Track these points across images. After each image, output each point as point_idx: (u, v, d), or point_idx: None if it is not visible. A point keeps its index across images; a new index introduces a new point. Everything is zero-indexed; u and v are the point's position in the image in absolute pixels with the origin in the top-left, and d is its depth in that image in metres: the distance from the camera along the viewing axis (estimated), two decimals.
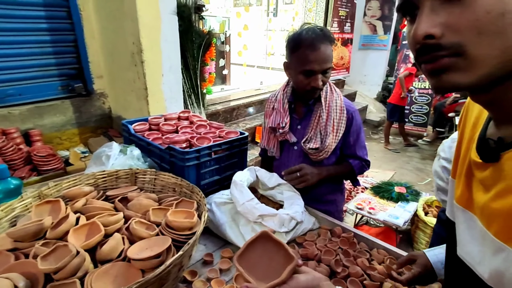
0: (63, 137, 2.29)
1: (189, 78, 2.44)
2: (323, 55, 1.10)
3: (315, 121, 1.24)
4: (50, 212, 0.85)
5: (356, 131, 1.27)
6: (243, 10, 4.04)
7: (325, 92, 1.22)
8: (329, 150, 1.23)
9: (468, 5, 0.34)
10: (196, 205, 0.93)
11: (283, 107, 1.30)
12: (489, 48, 0.35)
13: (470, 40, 0.35)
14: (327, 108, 1.21)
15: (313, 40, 1.10)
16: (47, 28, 2.10)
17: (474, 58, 0.36)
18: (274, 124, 1.30)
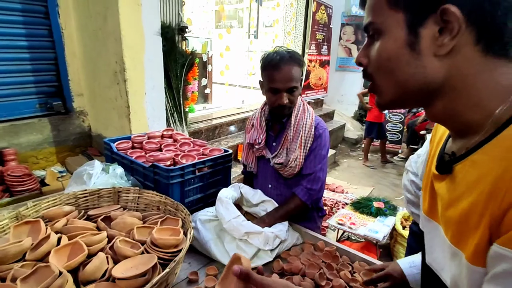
0: (39, 156, 2.21)
1: (172, 96, 2.46)
2: (287, 75, 1.20)
3: (285, 138, 1.30)
4: (29, 233, 0.82)
5: (318, 147, 1.29)
6: (225, 32, 4.16)
7: (297, 110, 1.30)
8: (295, 166, 1.27)
9: (374, 47, 0.47)
10: (181, 222, 0.94)
11: (260, 124, 1.37)
12: (385, 81, 0.48)
13: (375, 73, 0.48)
14: (296, 125, 1.28)
15: (278, 61, 1.21)
16: (27, 46, 2.07)
17: (378, 86, 0.49)
18: (252, 140, 1.36)
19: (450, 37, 0.40)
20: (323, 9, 5.32)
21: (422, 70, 0.43)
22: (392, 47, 0.45)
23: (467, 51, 0.41)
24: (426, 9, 0.41)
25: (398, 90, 0.47)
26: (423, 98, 0.47)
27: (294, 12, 5.27)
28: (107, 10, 1.82)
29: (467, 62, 0.41)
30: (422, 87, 0.45)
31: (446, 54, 0.42)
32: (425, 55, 0.43)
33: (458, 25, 0.39)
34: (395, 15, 0.44)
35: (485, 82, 0.41)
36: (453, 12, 0.39)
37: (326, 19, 5.50)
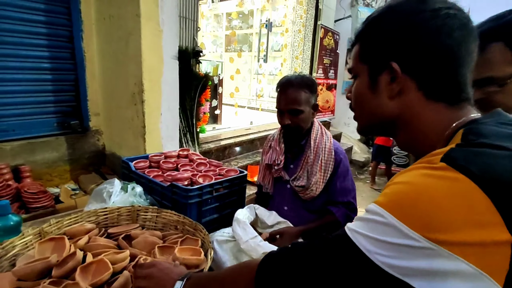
0: (54, 174, 2.25)
1: (185, 117, 2.52)
2: (290, 97, 1.26)
3: (304, 161, 1.32)
4: (53, 249, 0.83)
5: (343, 174, 1.33)
6: (236, 56, 4.30)
7: (315, 134, 1.33)
8: (316, 189, 1.29)
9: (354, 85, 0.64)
10: (200, 242, 0.94)
11: (279, 145, 1.40)
12: (358, 112, 0.65)
13: (353, 105, 0.65)
14: (315, 149, 1.31)
15: (285, 84, 1.28)
16: (49, 68, 2.17)
17: (355, 116, 0.66)
18: (270, 161, 1.38)
19: (396, 84, 0.54)
20: (330, 35, 5.50)
21: (380, 107, 0.58)
22: (360, 88, 0.61)
23: (412, 95, 0.54)
24: (380, 64, 0.56)
25: (366, 120, 0.64)
26: (387, 128, 0.61)
27: (302, 38, 5.45)
28: (130, 35, 1.91)
29: (413, 104, 0.54)
30: (382, 119, 0.59)
31: (396, 96, 0.55)
32: (381, 96, 0.57)
33: (398, 76, 0.54)
34: (363, 66, 0.60)
35: (428, 121, 0.54)
36: (394, 67, 0.53)
37: (333, 44, 5.66)
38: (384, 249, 0.40)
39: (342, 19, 5.93)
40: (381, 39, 0.56)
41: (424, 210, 0.38)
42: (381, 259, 0.40)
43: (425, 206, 0.39)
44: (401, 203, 0.41)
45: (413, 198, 0.40)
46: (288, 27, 5.74)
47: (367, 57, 0.59)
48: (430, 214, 0.38)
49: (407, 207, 0.40)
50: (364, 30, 0.60)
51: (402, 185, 0.43)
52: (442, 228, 0.37)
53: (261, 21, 6.00)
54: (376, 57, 0.57)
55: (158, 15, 1.91)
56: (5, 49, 1.94)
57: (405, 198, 0.41)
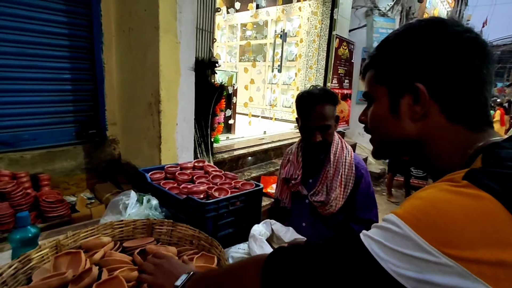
0: (71, 182, 2.29)
1: (200, 127, 2.53)
2: (319, 113, 1.22)
3: (324, 176, 1.28)
4: (69, 264, 0.82)
5: (365, 190, 1.28)
6: (250, 66, 4.32)
7: (335, 148, 1.29)
8: (335, 205, 1.24)
9: (370, 109, 0.64)
10: (216, 260, 0.91)
11: (297, 159, 1.36)
12: (375, 135, 0.65)
13: (370, 129, 0.65)
14: (335, 163, 1.26)
15: (311, 99, 1.24)
16: (69, 79, 2.23)
17: (372, 139, 0.66)
18: (288, 175, 1.35)
19: (420, 106, 0.54)
20: (345, 45, 5.47)
21: (401, 130, 0.57)
22: (379, 112, 0.60)
23: (435, 117, 0.53)
24: (403, 86, 0.55)
25: (384, 144, 0.63)
26: (406, 152, 0.60)
27: (316, 48, 5.44)
28: (148, 47, 1.95)
29: (435, 126, 0.54)
30: (402, 142, 0.59)
31: (419, 118, 0.55)
32: (403, 118, 0.56)
33: (425, 98, 0.53)
34: (381, 88, 0.60)
35: (448, 144, 0.53)
36: (421, 89, 0.52)
37: (348, 54, 5.62)
38: (398, 260, 0.40)
39: (357, 28, 5.90)
40: (403, 61, 0.55)
41: (443, 225, 0.38)
42: (394, 269, 0.39)
43: (444, 221, 0.38)
44: (420, 216, 0.40)
45: (432, 213, 0.40)
46: (302, 37, 5.74)
47: (386, 79, 0.59)
48: (449, 230, 0.38)
49: (425, 220, 0.40)
50: (382, 51, 0.60)
51: (422, 200, 0.42)
52: (461, 245, 0.37)
53: (275, 32, 6.04)
54: (398, 79, 0.56)
55: (176, 28, 1.93)
56: (27, 60, 2.00)
57: (424, 211, 0.41)
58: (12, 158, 2.00)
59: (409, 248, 0.39)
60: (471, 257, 0.36)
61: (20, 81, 2.01)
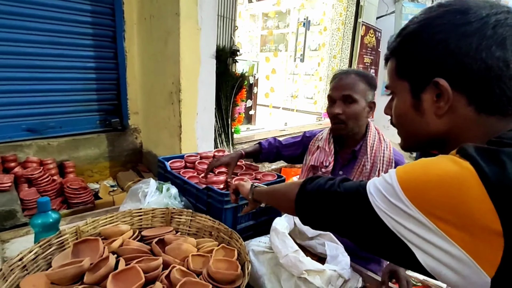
0: (94, 170, 2.33)
1: (221, 117, 2.49)
2: (343, 82, 1.14)
3: (358, 170, 1.18)
4: (87, 251, 0.81)
5: None
6: (272, 55, 4.22)
7: (373, 140, 1.18)
8: None
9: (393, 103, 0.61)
10: (236, 253, 0.87)
11: (328, 146, 1.26)
12: (400, 131, 0.62)
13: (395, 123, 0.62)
14: (372, 157, 1.16)
15: (341, 72, 1.18)
16: (94, 67, 2.25)
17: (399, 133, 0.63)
18: (317, 163, 1.25)
19: (444, 101, 0.50)
20: (372, 33, 5.21)
21: (426, 126, 0.54)
22: (402, 107, 0.58)
23: (462, 110, 0.50)
24: (423, 81, 0.52)
25: (410, 139, 0.61)
26: (434, 145, 0.57)
27: (340, 36, 5.22)
28: (169, 35, 1.91)
29: (463, 119, 0.50)
30: (428, 138, 0.56)
31: (445, 113, 0.51)
32: (427, 114, 0.53)
33: (448, 93, 0.49)
34: (402, 83, 0.56)
35: (481, 135, 0.49)
36: (442, 84, 0.49)
37: (375, 42, 5.37)
38: (381, 200, 0.45)
39: (385, 15, 5.59)
40: (423, 54, 0.52)
41: (420, 182, 0.42)
42: (376, 203, 0.46)
43: (422, 179, 0.42)
44: (408, 173, 0.45)
45: (417, 171, 0.44)
46: (326, 26, 5.53)
47: (407, 73, 0.55)
48: (424, 187, 0.42)
49: (410, 177, 0.44)
50: (401, 44, 0.56)
51: (419, 161, 0.46)
52: (430, 201, 0.40)
53: (298, 20, 5.86)
54: (418, 73, 0.53)
55: (197, 14, 1.88)
56: (53, 49, 2.03)
57: (412, 169, 0.45)
58: (40, 145, 2.05)
59: (391, 195, 0.44)
60: (439, 215, 0.39)
61: (47, 69, 2.04)
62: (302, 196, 0.61)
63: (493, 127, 0.49)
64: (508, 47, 0.46)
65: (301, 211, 0.62)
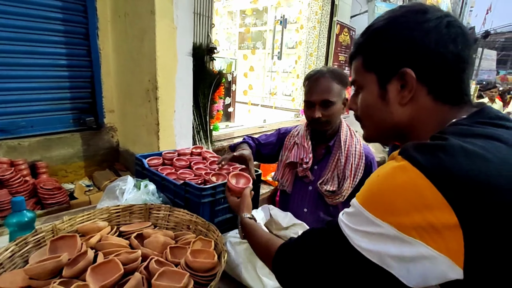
0: (69, 170, 2.28)
1: (199, 115, 2.50)
2: (320, 87, 1.19)
3: (333, 164, 1.25)
4: (65, 247, 0.82)
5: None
6: (250, 53, 4.26)
7: (345, 135, 1.25)
8: (345, 194, 1.22)
9: (359, 97, 0.65)
10: (213, 244, 0.91)
11: (306, 142, 1.32)
12: (367, 122, 0.66)
13: (361, 116, 0.67)
14: (346, 151, 1.23)
15: (316, 74, 1.22)
16: (66, 65, 2.19)
17: (363, 125, 0.68)
18: (297, 159, 1.30)
19: (408, 91, 0.56)
20: (346, 31, 5.37)
21: (391, 115, 0.59)
22: (370, 98, 0.62)
23: (422, 100, 0.56)
24: (390, 72, 0.57)
25: (375, 129, 0.64)
26: (397, 136, 0.62)
27: (316, 35, 5.34)
28: (144, 33, 1.90)
29: (422, 108, 0.56)
30: (392, 127, 0.60)
31: (408, 102, 0.57)
32: (392, 104, 0.58)
33: (412, 83, 0.55)
34: (370, 75, 0.61)
35: (437, 123, 0.55)
36: (409, 73, 0.54)
37: (349, 41, 5.53)
38: (360, 236, 0.47)
39: (358, 14, 5.77)
40: (390, 47, 0.57)
41: (381, 198, 0.45)
42: (357, 243, 0.47)
43: (382, 194, 0.45)
44: (368, 194, 0.48)
45: (375, 189, 0.47)
46: (303, 24, 5.63)
47: (374, 66, 0.60)
48: (386, 201, 0.44)
49: (371, 197, 0.47)
50: (368, 40, 0.61)
51: (371, 179, 0.49)
52: (396, 211, 0.43)
53: (275, 18, 5.93)
54: (385, 65, 0.58)
55: (173, 12, 1.89)
56: (23, 46, 1.96)
57: (370, 189, 0.48)
58: (10, 145, 1.98)
59: (364, 224, 0.46)
60: (407, 223, 0.41)
61: (17, 67, 1.97)
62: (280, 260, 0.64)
63: (446, 115, 0.55)
64: (459, 44, 0.53)
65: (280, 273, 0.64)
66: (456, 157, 0.42)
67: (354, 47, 0.65)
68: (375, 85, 0.60)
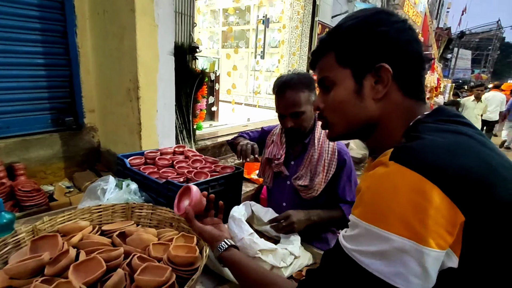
0: (48, 171, 2.23)
1: (182, 114, 2.50)
2: (289, 101, 1.22)
3: (307, 160, 1.30)
4: (46, 247, 0.82)
5: (347, 174, 1.31)
6: (233, 52, 4.27)
7: (319, 133, 1.31)
8: (318, 189, 1.27)
9: (330, 95, 0.63)
10: (196, 239, 0.93)
11: (280, 140, 1.38)
12: (337, 119, 0.64)
13: (330, 113, 0.65)
14: (319, 148, 1.29)
15: (282, 86, 1.23)
16: (43, 63, 2.14)
17: (331, 124, 0.66)
18: (271, 155, 1.36)
19: (383, 86, 0.57)
20: None
21: (364, 110, 0.59)
22: (344, 94, 0.60)
23: (394, 95, 0.58)
24: (366, 67, 0.58)
25: (346, 126, 0.63)
26: (364, 132, 0.63)
27: (299, 34, 5.43)
28: (125, 31, 1.89)
29: (394, 103, 0.58)
30: (363, 123, 0.61)
31: (381, 98, 0.58)
32: (366, 99, 0.59)
33: (387, 78, 0.56)
34: (344, 70, 0.60)
35: (402, 117, 0.58)
36: (387, 68, 0.56)
37: None
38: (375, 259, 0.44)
39: (339, 15, 5.90)
40: (367, 43, 0.58)
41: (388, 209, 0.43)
42: (377, 269, 0.44)
43: (388, 205, 0.44)
44: (371, 209, 0.46)
45: (378, 201, 0.45)
46: (285, 23, 5.70)
47: (349, 61, 0.60)
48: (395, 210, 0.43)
49: (376, 210, 0.45)
50: (342, 37, 0.61)
51: (369, 191, 0.48)
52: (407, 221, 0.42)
53: (258, 17, 5.96)
54: (362, 60, 0.58)
55: (153, 10, 1.88)
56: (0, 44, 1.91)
57: (372, 203, 0.46)
58: None
59: (374, 242, 0.44)
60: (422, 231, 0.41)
61: None
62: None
63: (412, 110, 0.58)
64: (420, 45, 0.59)
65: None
66: (445, 154, 0.44)
67: (322, 44, 0.64)
68: (350, 81, 0.59)
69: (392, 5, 8.25)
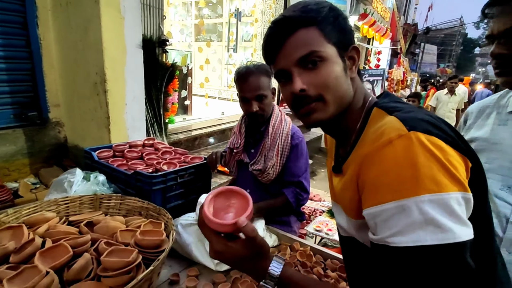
0: (11, 168, 2.15)
1: (152, 108, 2.49)
2: (252, 84, 1.32)
3: (263, 146, 1.39)
4: (11, 238, 0.83)
5: (296, 157, 1.40)
6: (205, 45, 4.26)
7: (275, 121, 1.40)
8: (273, 173, 1.37)
9: (320, 71, 0.58)
10: (163, 225, 0.97)
11: (239, 130, 1.47)
12: (332, 96, 0.59)
13: (324, 91, 0.59)
14: (272, 135, 1.38)
15: (245, 72, 1.33)
16: (2, 56, 2.04)
17: (326, 102, 0.59)
18: (232, 145, 1.45)
19: (355, 66, 0.63)
20: None
21: (350, 88, 0.61)
22: (338, 69, 0.59)
23: (356, 76, 0.63)
24: (345, 47, 0.61)
25: (339, 104, 0.60)
26: (340, 117, 0.62)
27: None
28: (89, 22, 1.85)
29: (357, 83, 0.63)
30: (348, 103, 0.62)
31: (353, 78, 0.62)
32: (347, 77, 0.61)
33: (358, 58, 0.63)
34: (331, 47, 0.59)
35: (361, 96, 0.63)
36: (357, 49, 0.63)
37: None
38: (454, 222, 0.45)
39: None
40: (345, 24, 0.62)
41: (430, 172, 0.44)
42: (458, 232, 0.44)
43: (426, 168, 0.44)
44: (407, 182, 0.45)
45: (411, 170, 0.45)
46: (257, 17, 5.73)
47: (334, 39, 0.59)
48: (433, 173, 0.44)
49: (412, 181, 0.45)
50: (327, 12, 0.59)
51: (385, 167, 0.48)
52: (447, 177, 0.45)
53: (230, 10, 5.94)
54: (343, 39, 0.60)
55: (119, 2, 1.86)
56: None
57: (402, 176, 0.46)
58: None
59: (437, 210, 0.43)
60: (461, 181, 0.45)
61: None
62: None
63: (363, 90, 0.65)
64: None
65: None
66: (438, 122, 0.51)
67: (307, 16, 0.58)
68: (338, 58, 0.59)
69: (361, 1, 8.51)
